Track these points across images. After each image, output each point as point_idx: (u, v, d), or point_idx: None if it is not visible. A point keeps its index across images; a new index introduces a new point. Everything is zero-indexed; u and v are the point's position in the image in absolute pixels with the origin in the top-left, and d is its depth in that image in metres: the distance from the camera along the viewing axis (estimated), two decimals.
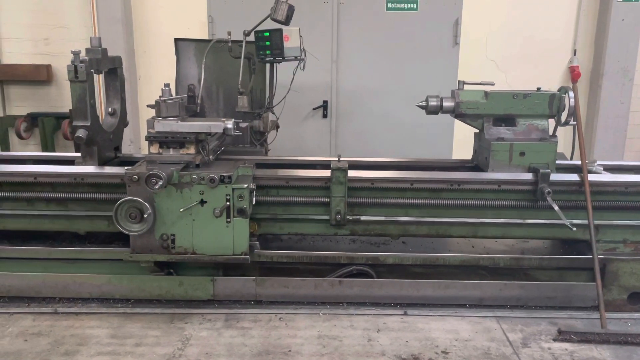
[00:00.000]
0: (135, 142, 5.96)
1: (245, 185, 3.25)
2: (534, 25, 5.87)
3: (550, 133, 3.62)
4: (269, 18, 3.97)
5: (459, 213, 3.55)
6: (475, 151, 3.96)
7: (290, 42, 4.01)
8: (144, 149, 5.69)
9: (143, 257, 3.34)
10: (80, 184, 3.47)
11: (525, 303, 3.57)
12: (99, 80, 4.90)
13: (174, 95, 3.62)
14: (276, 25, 3.99)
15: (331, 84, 5.82)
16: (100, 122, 3.74)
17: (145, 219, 3.15)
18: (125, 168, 3.26)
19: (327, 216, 3.51)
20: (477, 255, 3.64)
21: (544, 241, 3.92)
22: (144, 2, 5.89)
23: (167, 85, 3.49)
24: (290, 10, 3.94)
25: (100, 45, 3.62)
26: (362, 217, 3.56)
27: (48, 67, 5.96)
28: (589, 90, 6.03)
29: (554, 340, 3.16)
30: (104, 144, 3.72)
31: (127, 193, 3.18)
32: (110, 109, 3.95)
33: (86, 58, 3.46)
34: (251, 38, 4.10)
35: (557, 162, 3.61)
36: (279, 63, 4.23)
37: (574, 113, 3.50)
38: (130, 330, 3.24)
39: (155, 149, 3.38)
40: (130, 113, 4.88)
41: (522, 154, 3.54)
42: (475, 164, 3.93)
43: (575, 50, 5.91)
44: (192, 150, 3.35)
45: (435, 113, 3.69)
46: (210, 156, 3.48)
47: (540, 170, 3.40)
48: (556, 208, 3.34)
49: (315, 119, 5.93)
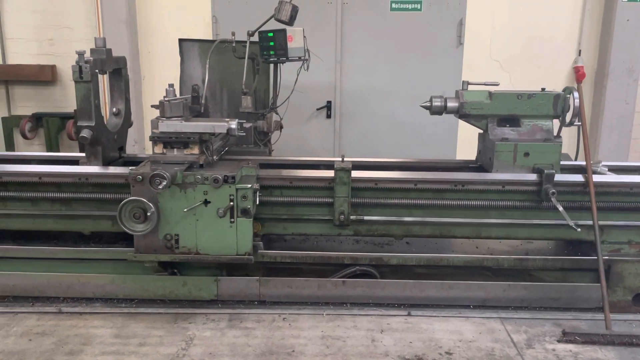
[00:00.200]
0: (139, 143, 5.97)
1: (249, 186, 3.25)
2: (539, 25, 5.85)
3: (555, 133, 3.61)
4: (273, 18, 3.98)
5: (462, 214, 3.55)
6: (479, 152, 3.95)
7: (294, 43, 4.02)
8: (148, 149, 5.70)
9: (147, 257, 3.35)
10: (85, 184, 3.49)
11: (530, 304, 3.56)
12: (104, 81, 4.92)
13: (178, 95, 3.63)
14: (280, 26, 4.00)
15: (335, 84, 5.82)
16: (105, 123, 3.75)
17: (149, 218, 3.16)
18: (130, 168, 3.28)
19: (331, 216, 3.51)
20: (481, 256, 3.64)
21: (548, 242, 3.91)
22: (148, 3, 5.90)
23: (171, 85, 3.50)
24: (294, 10, 3.94)
25: (104, 46, 3.62)
26: (366, 218, 3.55)
27: (53, 68, 5.98)
28: (593, 91, 6.00)
29: (558, 341, 3.15)
30: (108, 144, 3.73)
31: (131, 193, 3.19)
32: (114, 109, 3.96)
33: (91, 58, 3.47)
34: (255, 38, 4.11)
35: (562, 163, 3.60)
36: (282, 63, 4.24)
37: (578, 113, 3.49)
38: (134, 330, 3.24)
39: (159, 149, 3.38)
40: (135, 113, 4.88)
41: (527, 154, 3.53)
42: (480, 165, 3.92)
43: (579, 50, 5.89)
44: (196, 150, 3.35)
45: (440, 113, 3.68)
46: (214, 156, 3.49)
47: (545, 171, 3.39)
48: (560, 209, 3.33)
49: (319, 119, 5.93)
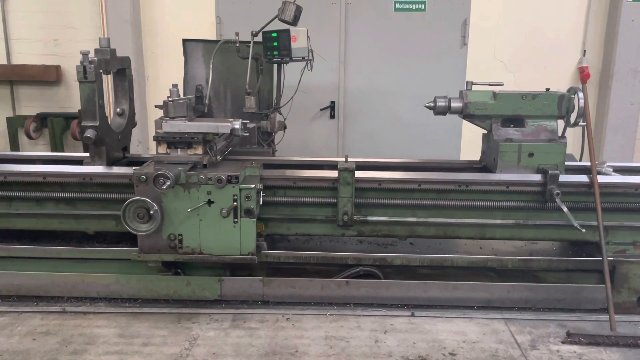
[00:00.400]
0: (143, 143, 5.99)
1: (253, 186, 3.25)
2: (543, 25, 5.83)
3: (560, 134, 3.60)
4: (277, 19, 3.98)
5: (467, 214, 3.54)
6: (483, 152, 3.94)
7: (298, 43, 4.02)
8: (152, 149, 5.71)
9: (151, 257, 3.35)
10: (89, 184, 3.49)
11: (534, 305, 3.55)
12: (108, 81, 4.93)
13: (182, 95, 3.63)
14: (284, 26, 4.00)
15: (339, 84, 5.82)
16: (109, 123, 3.76)
17: (152, 216, 3.16)
18: (134, 168, 3.28)
19: (334, 217, 3.51)
20: (485, 256, 3.62)
21: (553, 243, 3.89)
22: (152, 3, 5.92)
23: (175, 85, 3.51)
24: (298, 10, 3.94)
25: (109, 46, 3.64)
26: (370, 218, 3.55)
27: (57, 68, 6.00)
28: (598, 91, 5.98)
29: (563, 342, 3.14)
30: (112, 144, 3.74)
31: (135, 193, 3.20)
32: (118, 110, 3.97)
33: (95, 59, 3.48)
34: (259, 39, 4.11)
35: (566, 163, 3.59)
36: (286, 63, 4.24)
37: (583, 114, 3.47)
38: (137, 329, 3.25)
39: (163, 149, 3.39)
40: (139, 113, 4.90)
41: (531, 155, 3.52)
42: (484, 165, 3.91)
43: (584, 50, 5.88)
44: (200, 150, 3.36)
45: (443, 114, 3.67)
46: (218, 156, 3.49)
47: (549, 172, 3.38)
48: (565, 209, 3.32)
49: (322, 120, 5.93)
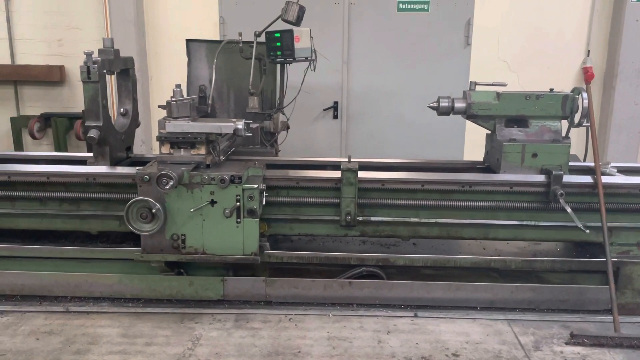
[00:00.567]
0: (146, 143, 6.00)
1: (256, 186, 3.25)
2: (547, 25, 5.82)
3: (563, 134, 3.58)
4: (280, 19, 3.98)
5: (470, 215, 3.53)
6: (486, 152, 3.93)
7: (301, 43, 4.02)
8: (156, 149, 5.73)
9: (154, 257, 3.36)
10: (92, 184, 3.50)
11: (537, 306, 3.54)
12: (111, 81, 4.94)
13: (185, 95, 3.64)
14: (287, 26, 4.00)
15: (342, 84, 5.82)
16: (112, 123, 3.76)
17: (155, 215, 3.16)
18: (137, 168, 3.29)
19: (337, 217, 3.50)
20: (489, 257, 3.61)
21: (556, 244, 3.88)
22: (156, 4, 5.92)
23: (179, 86, 3.51)
24: (301, 11, 3.94)
25: (112, 46, 3.64)
26: (373, 218, 3.55)
27: (61, 68, 6.01)
28: (602, 92, 5.96)
29: (566, 343, 3.13)
30: (115, 144, 3.75)
31: (138, 193, 3.20)
32: (122, 110, 3.98)
33: (99, 59, 3.49)
34: (262, 39, 4.11)
35: (570, 164, 3.58)
36: (289, 64, 4.24)
37: (587, 114, 3.47)
38: (140, 329, 3.25)
39: (166, 149, 3.39)
40: (142, 113, 4.91)
41: (535, 155, 3.51)
42: (487, 166, 3.90)
43: (588, 51, 5.86)
44: (203, 150, 3.36)
45: (447, 114, 3.67)
46: (221, 157, 3.49)
47: (553, 172, 3.37)
48: (569, 210, 3.31)
49: (325, 120, 5.93)
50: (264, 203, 3.36)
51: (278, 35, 4.03)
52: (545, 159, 3.50)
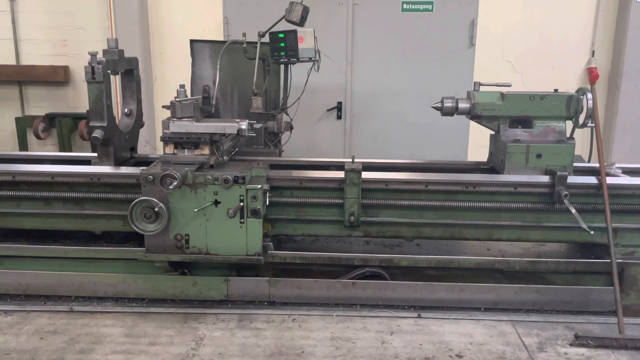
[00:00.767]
0: (150, 143, 6.01)
1: (259, 186, 3.25)
2: (552, 26, 5.80)
3: (568, 135, 3.57)
4: (284, 19, 3.98)
5: (474, 215, 3.52)
6: (490, 153, 3.92)
7: (305, 44, 4.02)
8: (160, 149, 5.73)
9: (157, 257, 3.36)
10: (97, 183, 3.51)
11: (541, 307, 3.53)
12: (116, 81, 4.95)
13: (189, 96, 3.64)
14: (291, 27, 4.00)
15: (345, 85, 5.82)
16: (117, 123, 3.78)
17: (159, 215, 3.16)
18: (141, 168, 3.29)
19: (341, 217, 3.50)
20: (493, 258, 3.60)
21: (561, 244, 3.87)
22: (160, 4, 5.94)
23: (182, 86, 3.52)
24: (305, 11, 3.94)
25: (117, 47, 3.66)
26: (376, 219, 3.54)
27: (66, 68, 6.04)
28: (607, 92, 5.95)
29: (571, 345, 3.12)
30: (120, 145, 3.76)
31: (142, 193, 3.21)
32: (126, 110, 3.99)
33: (103, 59, 3.49)
34: (266, 39, 4.11)
35: (575, 165, 3.57)
36: (293, 64, 4.24)
37: (591, 115, 3.45)
38: (144, 329, 3.26)
39: (170, 149, 3.40)
40: (146, 114, 4.92)
41: (539, 156, 3.50)
42: (491, 166, 3.90)
43: (593, 51, 5.84)
44: (207, 151, 3.36)
45: (451, 114, 3.66)
46: (225, 157, 3.50)
47: (557, 173, 3.36)
48: (573, 211, 3.29)
49: (329, 120, 5.93)
50: (267, 203, 3.36)
51: (282, 35, 4.04)
52: (549, 160, 3.49)
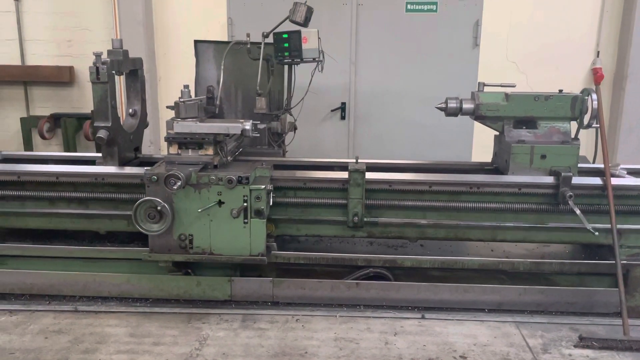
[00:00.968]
0: (155, 143, 6.02)
1: (263, 187, 3.26)
2: (556, 26, 5.78)
3: (572, 136, 3.56)
4: (288, 20, 3.99)
5: (478, 216, 3.51)
6: (495, 154, 3.91)
7: (309, 44, 4.02)
8: (164, 149, 5.75)
9: (161, 257, 3.37)
10: (101, 184, 3.52)
11: (546, 308, 3.52)
12: (120, 82, 4.97)
13: (193, 96, 3.65)
14: (295, 27, 4.00)
15: (349, 85, 5.82)
16: (121, 123, 3.79)
17: (163, 215, 3.17)
18: (145, 168, 3.30)
19: (345, 218, 3.50)
20: (497, 259, 3.60)
21: (565, 246, 3.86)
22: (164, 5, 5.95)
23: (187, 86, 3.52)
24: (309, 12, 3.95)
25: (121, 47, 3.66)
26: (380, 219, 3.54)
27: (70, 69, 6.05)
28: (612, 93, 5.92)
29: (575, 346, 3.11)
30: (124, 145, 3.77)
31: (147, 193, 3.21)
32: (130, 110, 4.00)
33: (108, 60, 3.51)
34: (270, 40, 4.12)
35: (579, 166, 3.56)
36: (297, 65, 4.24)
37: (596, 116, 3.44)
38: (148, 329, 3.26)
39: (174, 149, 3.41)
40: (151, 114, 4.92)
41: (543, 156, 3.49)
42: (495, 167, 3.89)
43: (598, 51, 5.81)
44: (211, 151, 3.37)
45: (455, 115, 3.66)
46: (229, 157, 3.50)
47: (562, 174, 3.35)
48: (578, 212, 3.28)
49: (333, 121, 5.93)
50: (271, 204, 3.36)
51: (286, 36, 4.04)
52: (554, 161, 3.48)
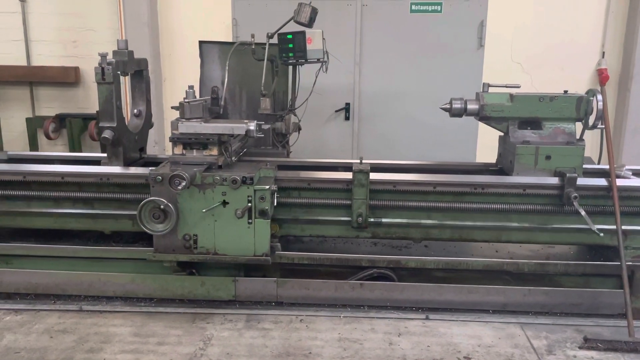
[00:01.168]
0: (159, 143, 6.04)
1: (267, 187, 3.26)
2: (561, 27, 5.77)
3: (577, 136, 3.55)
4: (292, 20, 3.99)
5: (482, 217, 3.51)
6: (499, 155, 3.91)
7: (313, 45, 4.02)
8: (168, 150, 5.76)
9: (166, 257, 3.38)
10: (106, 184, 3.53)
11: (550, 309, 3.51)
12: (125, 82, 4.98)
13: (198, 97, 3.66)
14: (299, 28, 4.01)
15: (354, 86, 5.81)
16: (126, 124, 3.80)
17: (167, 214, 3.17)
18: (150, 169, 3.31)
19: (349, 218, 3.50)
20: (501, 260, 3.58)
21: (570, 247, 3.85)
22: (170, 6, 5.97)
23: (191, 87, 3.53)
24: (314, 12, 3.95)
25: (126, 48, 3.68)
26: (384, 220, 3.54)
27: (76, 69, 6.08)
28: (617, 93, 5.90)
29: (580, 348, 3.10)
30: (129, 145, 3.78)
31: (151, 193, 3.22)
32: (135, 111, 4.01)
33: (113, 60, 3.52)
34: (274, 40, 4.12)
35: (584, 167, 3.54)
36: (301, 65, 4.24)
37: (601, 116, 3.43)
38: (153, 329, 3.27)
39: (179, 150, 3.42)
40: (155, 114, 4.95)
41: (548, 157, 3.48)
42: (500, 168, 3.88)
43: (603, 52, 5.80)
44: (215, 151, 3.38)
45: (459, 116, 3.65)
46: (233, 157, 3.51)
47: (567, 175, 3.34)
48: (583, 213, 3.27)
49: (337, 121, 5.93)
50: (275, 204, 3.36)
51: (290, 36, 4.04)
52: (559, 162, 3.47)
